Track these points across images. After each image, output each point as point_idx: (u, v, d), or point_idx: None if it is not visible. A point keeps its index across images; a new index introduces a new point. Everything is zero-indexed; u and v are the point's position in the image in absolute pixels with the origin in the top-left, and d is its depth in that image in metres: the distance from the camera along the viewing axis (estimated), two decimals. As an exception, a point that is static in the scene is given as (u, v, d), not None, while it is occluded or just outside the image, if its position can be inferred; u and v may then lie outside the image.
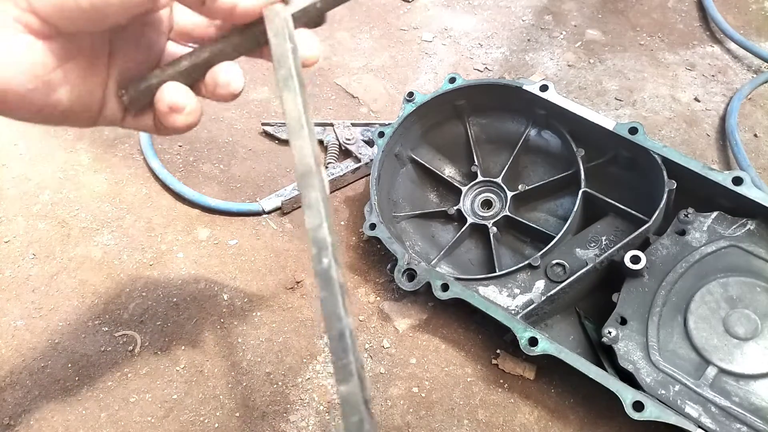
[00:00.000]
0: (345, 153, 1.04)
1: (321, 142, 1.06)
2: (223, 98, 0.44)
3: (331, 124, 1.07)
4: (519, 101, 0.91)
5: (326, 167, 1.01)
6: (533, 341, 0.73)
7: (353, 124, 1.07)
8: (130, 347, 0.83)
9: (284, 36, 0.39)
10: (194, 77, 0.44)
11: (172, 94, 0.43)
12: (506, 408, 0.78)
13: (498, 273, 0.82)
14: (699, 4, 1.31)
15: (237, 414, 0.77)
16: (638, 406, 0.67)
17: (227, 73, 0.43)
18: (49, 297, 0.88)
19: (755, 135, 1.07)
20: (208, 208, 0.97)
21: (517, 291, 0.80)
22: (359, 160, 1.01)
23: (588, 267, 0.79)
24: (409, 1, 1.34)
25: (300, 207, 0.98)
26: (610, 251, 0.79)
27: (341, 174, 0.99)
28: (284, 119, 0.35)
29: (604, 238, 0.84)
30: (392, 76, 1.19)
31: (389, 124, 0.93)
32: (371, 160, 0.96)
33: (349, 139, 1.04)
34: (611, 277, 0.80)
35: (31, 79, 0.38)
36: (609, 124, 0.84)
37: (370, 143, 1.02)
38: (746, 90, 1.12)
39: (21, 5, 0.37)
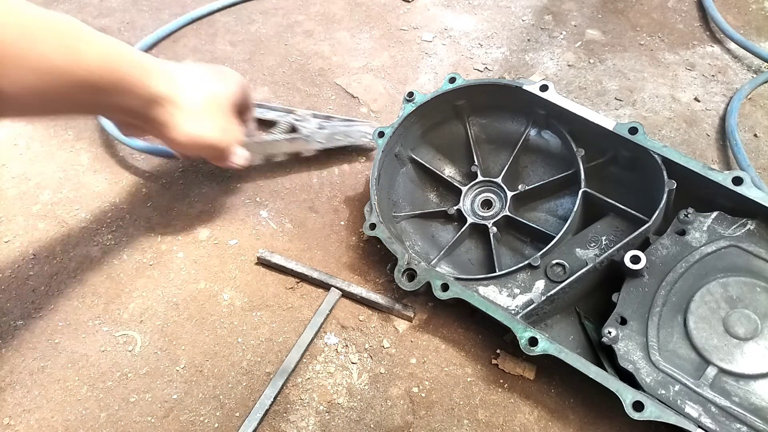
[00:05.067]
0: (291, 130, 1.02)
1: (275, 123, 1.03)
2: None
3: (292, 111, 1.04)
4: (519, 101, 0.91)
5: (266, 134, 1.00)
6: (533, 341, 0.73)
7: (327, 117, 1.04)
8: (130, 347, 0.83)
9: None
10: None
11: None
12: (506, 408, 0.78)
13: (498, 273, 0.82)
14: (699, 4, 1.31)
15: (237, 414, 0.77)
16: (638, 406, 0.67)
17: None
18: (49, 297, 0.88)
19: (755, 135, 1.07)
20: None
21: (517, 291, 0.80)
22: (298, 131, 1.00)
23: (588, 267, 0.79)
24: (409, 1, 1.34)
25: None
26: (610, 251, 0.79)
27: (278, 140, 0.99)
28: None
29: (604, 238, 0.84)
30: (392, 76, 1.19)
31: (380, 122, 0.93)
32: (312, 134, 0.99)
33: (299, 119, 1.02)
34: (611, 277, 0.80)
35: None
36: (609, 124, 0.84)
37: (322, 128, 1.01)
38: (746, 90, 1.12)
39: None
